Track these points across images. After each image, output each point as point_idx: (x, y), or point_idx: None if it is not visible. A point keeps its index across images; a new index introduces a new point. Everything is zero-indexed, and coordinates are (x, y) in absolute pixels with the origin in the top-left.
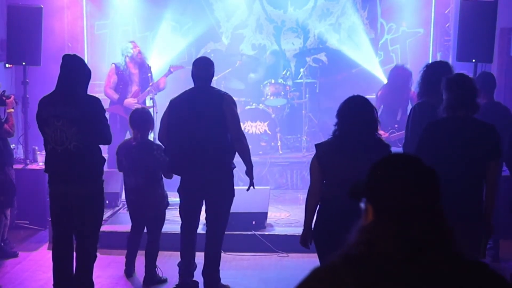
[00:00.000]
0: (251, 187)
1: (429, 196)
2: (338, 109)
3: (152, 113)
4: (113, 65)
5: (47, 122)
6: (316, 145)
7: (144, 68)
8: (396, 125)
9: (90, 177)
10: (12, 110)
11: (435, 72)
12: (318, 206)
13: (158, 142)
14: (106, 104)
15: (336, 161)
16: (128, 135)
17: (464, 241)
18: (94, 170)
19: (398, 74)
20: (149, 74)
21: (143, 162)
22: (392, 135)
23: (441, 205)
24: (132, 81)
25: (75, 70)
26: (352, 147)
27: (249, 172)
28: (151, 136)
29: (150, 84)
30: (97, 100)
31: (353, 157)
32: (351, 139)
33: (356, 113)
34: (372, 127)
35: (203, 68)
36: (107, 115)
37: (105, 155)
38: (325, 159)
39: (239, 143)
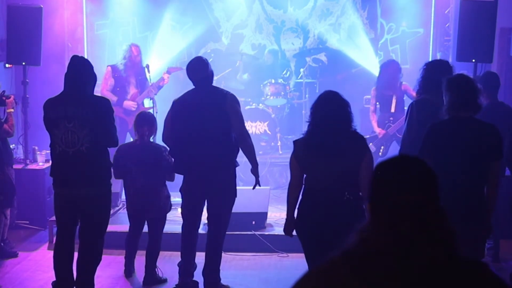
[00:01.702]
0: (258, 185)
1: (423, 196)
2: (311, 106)
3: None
4: (109, 67)
5: (56, 124)
6: (294, 142)
7: (141, 69)
8: (391, 118)
9: (101, 179)
10: (12, 110)
11: (434, 69)
12: (300, 198)
13: (161, 143)
14: None
15: (312, 156)
16: (128, 137)
17: (465, 241)
18: (105, 172)
19: (387, 66)
20: (148, 74)
21: (153, 163)
22: (389, 129)
23: (440, 204)
24: (129, 83)
25: (84, 71)
26: (325, 141)
27: (255, 171)
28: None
29: (151, 84)
30: (107, 101)
31: (327, 151)
32: (323, 133)
33: (327, 108)
34: (344, 120)
35: (199, 70)
36: None
37: None
38: (302, 155)
39: (244, 142)
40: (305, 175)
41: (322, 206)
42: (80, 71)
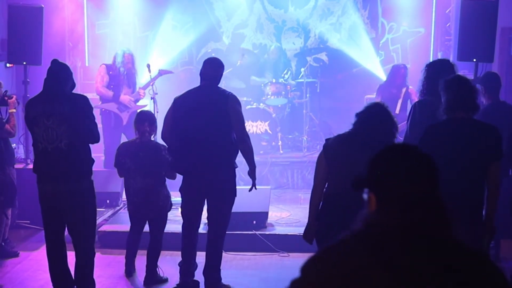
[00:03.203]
0: (254, 188)
1: (428, 183)
2: (360, 112)
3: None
4: (103, 65)
5: (36, 121)
6: (326, 139)
7: (133, 74)
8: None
9: (81, 175)
10: (14, 110)
11: (436, 70)
12: (321, 202)
13: (160, 141)
14: (97, 103)
15: (342, 155)
16: (123, 135)
17: (467, 242)
18: (85, 169)
19: (397, 72)
20: (149, 74)
21: (152, 162)
22: None
23: (439, 192)
24: (123, 82)
25: (63, 72)
26: (361, 143)
27: (252, 173)
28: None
29: (142, 86)
30: (85, 98)
31: (360, 152)
32: (362, 136)
33: (374, 119)
34: (387, 132)
35: (212, 68)
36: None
37: (98, 155)
38: (331, 152)
39: (243, 143)
40: (329, 178)
41: (344, 209)
42: (59, 72)
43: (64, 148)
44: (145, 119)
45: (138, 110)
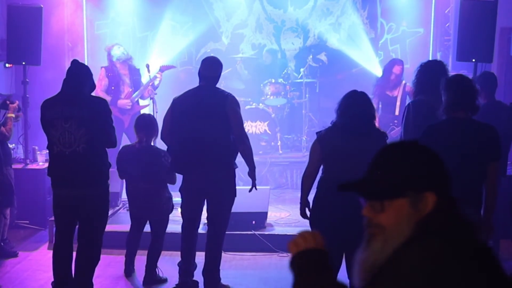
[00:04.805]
0: (254, 189)
1: None
2: (340, 101)
3: (152, 113)
4: (103, 68)
5: (53, 124)
6: (317, 132)
7: (133, 70)
8: (395, 121)
9: (98, 180)
10: (13, 115)
11: (430, 70)
12: (316, 189)
13: (160, 143)
14: None
15: (336, 143)
16: (125, 138)
17: None
18: (102, 173)
19: (392, 68)
20: (149, 74)
21: (152, 167)
22: (392, 132)
23: None
24: (123, 82)
25: (82, 73)
26: (351, 131)
27: (252, 174)
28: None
29: (145, 83)
30: (104, 101)
31: (351, 140)
32: (350, 124)
33: (356, 105)
34: (370, 117)
35: (210, 68)
36: None
37: None
38: (326, 142)
39: (242, 144)
40: (322, 166)
41: (340, 194)
42: (79, 73)
43: (81, 152)
44: (143, 126)
45: (141, 111)
